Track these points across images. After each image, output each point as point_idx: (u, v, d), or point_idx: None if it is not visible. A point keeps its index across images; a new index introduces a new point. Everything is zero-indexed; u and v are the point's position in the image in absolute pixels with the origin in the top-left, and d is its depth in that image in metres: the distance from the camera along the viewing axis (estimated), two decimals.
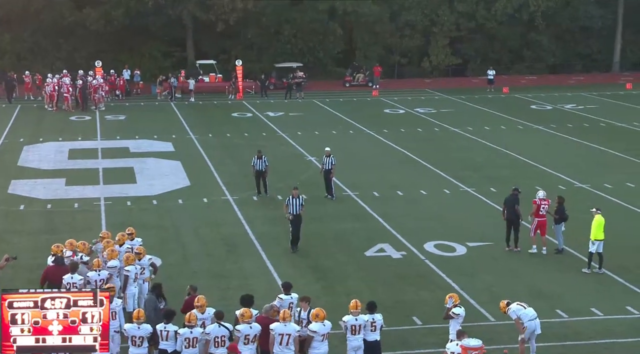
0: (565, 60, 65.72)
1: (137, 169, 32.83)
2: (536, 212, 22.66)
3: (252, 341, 14.78)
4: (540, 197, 22.80)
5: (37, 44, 57.93)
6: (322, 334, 14.90)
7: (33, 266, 20.65)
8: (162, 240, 23.87)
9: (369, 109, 48.61)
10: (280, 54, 60.23)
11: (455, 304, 15.94)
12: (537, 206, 22.67)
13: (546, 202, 22.74)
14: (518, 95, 53.53)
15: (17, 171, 32.67)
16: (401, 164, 34.10)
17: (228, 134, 40.38)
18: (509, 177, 31.10)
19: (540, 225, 22.72)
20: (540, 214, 22.65)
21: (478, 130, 41.13)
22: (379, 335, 15.45)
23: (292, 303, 16.37)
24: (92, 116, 44.90)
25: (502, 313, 16.47)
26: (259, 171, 28.50)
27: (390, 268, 21.92)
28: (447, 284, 20.65)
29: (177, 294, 17.73)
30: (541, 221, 22.70)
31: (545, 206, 22.68)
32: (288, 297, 16.39)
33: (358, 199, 28.56)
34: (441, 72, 63.56)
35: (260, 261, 22.44)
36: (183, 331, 14.75)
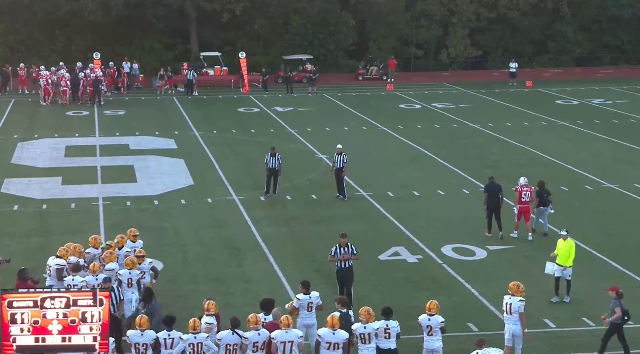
0: (592, 52, 65.47)
1: (137, 168, 32.89)
2: (519, 200, 24.30)
3: (261, 348, 14.78)
4: (522, 184, 24.41)
5: (31, 35, 58.11)
6: (327, 341, 14.87)
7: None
8: (163, 243, 23.92)
9: (384, 104, 48.56)
10: (289, 46, 60.25)
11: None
12: (519, 193, 24.32)
13: (528, 189, 24.30)
14: (542, 89, 53.39)
15: (11, 169, 32.76)
16: (417, 163, 34.05)
17: (234, 130, 40.42)
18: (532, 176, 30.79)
19: (523, 211, 24.30)
20: (522, 201, 24.26)
21: (499, 126, 41.04)
22: (394, 343, 15.44)
23: (312, 303, 16.38)
24: (90, 112, 45.03)
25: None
26: (273, 170, 28.48)
27: (405, 272, 21.90)
28: (465, 290, 20.61)
29: (177, 300, 17.77)
30: (524, 208, 24.29)
31: (527, 192, 24.24)
32: (307, 297, 16.40)
33: (371, 199, 28.53)
34: (460, 65, 63.46)
35: (266, 264, 22.45)
36: (187, 337, 14.77)
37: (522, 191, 24.29)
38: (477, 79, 57.93)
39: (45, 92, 46.86)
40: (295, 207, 27.73)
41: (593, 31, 64.90)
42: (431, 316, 15.76)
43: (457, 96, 51.20)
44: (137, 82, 53.88)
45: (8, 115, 43.99)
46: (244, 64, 52.98)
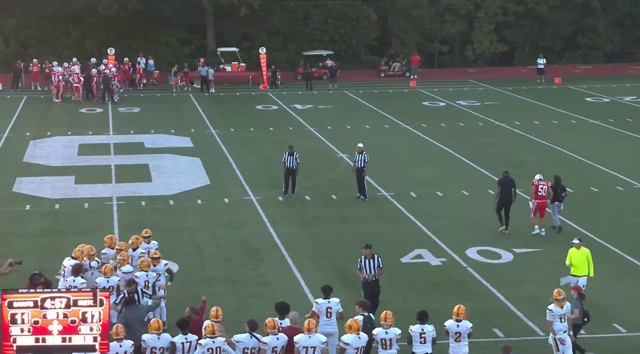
0: (624, 48, 65.08)
1: (152, 167, 33.01)
2: (535, 194, 24.62)
3: (279, 353, 14.78)
4: (537, 179, 24.82)
5: (44, 30, 58.43)
6: (355, 347, 14.87)
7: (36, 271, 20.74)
8: (178, 243, 23.98)
9: (406, 101, 48.51)
10: (308, 41, 60.29)
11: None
12: (535, 187, 24.67)
13: (544, 184, 24.68)
14: (571, 86, 53.14)
15: (23, 167, 32.97)
16: (440, 162, 33.97)
17: (251, 128, 40.49)
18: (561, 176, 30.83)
19: (539, 207, 24.65)
20: (539, 196, 24.62)
21: (526, 125, 40.89)
22: (430, 348, 15.46)
23: (330, 308, 16.37)
24: (104, 109, 45.22)
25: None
26: (290, 169, 28.50)
27: (428, 275, 21.85)
28: (490, 293, 20.54)
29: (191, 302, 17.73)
30: (540, 203, 24.64)
31: (544, 186, 24.63)
32: (325, 302, 16.38)
33: (393, 199, 28.49)
34: (486, 61, 63.26)
35: (284, 266, 22.47)
36: (205, 341, 14.75)
37: (539, 185, 24.67)
38: (503, 76, 57.71)
39: (57, 88, 47.08)
40: (314, 208, 27.73)
41: (625, 26, 64.52)
42: (459, 321, 15.69)
43: (482, 93, 51.05)
44: (152, 78, 54.08)
45: (20, 112, 44.26)
46: (263, 60, 53.02)
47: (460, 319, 15.69)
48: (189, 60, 55.90)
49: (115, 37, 57.01)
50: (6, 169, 32.58)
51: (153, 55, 55.77)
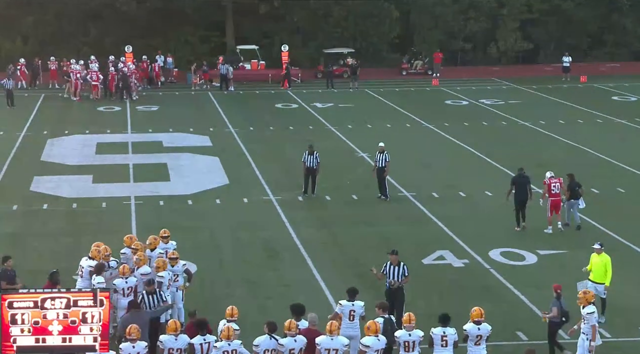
0: None
1: (170, 166, 33.13)
2: (549, 192, 25.02)
3: None
4: (549, 177, 25.17)
5: (62, 28, 58.73)
6: (375, 349, 14.88)
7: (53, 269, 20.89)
8: (196, 244, 24.06)
9: (428, 100, 48.44)
10: (329, 39, 60.23)
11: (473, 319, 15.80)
12: (547, 185, 25.04)
13: (557, 181, 25.06)
14: (597, 84, 52.88)
15: (40, 166, 33.16)
16: (463, 162, 33.90)
17: (271, 127, 40.55)
18: (586, 177, 30.62)
19: (554, 204, 25.01)
20: (553, 194, 24.98)
21: (551, 124, 40.73)
22: (452, 351, 15.47)
23: (354, 311, 16.39)
24: (122, 107, 45.43)
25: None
26: (310, 168, 28.52)
27: (451, 277, 21.82)
28: (514, 296, 20.49)
29: (210, 303, 17.87)
30: (555, 201, 24.99)
31: (556, 184, 24.98)
32: (349, 304, 16.40)
33: (415, 200, 28.46)
34: (510, 59, 63.00)
35: (304, 267, 22.50)
36: (221, 344, 14.80)
37: (551, 183, 25.02)
38: (527, 74, 57.49)
39: (75, 86, 47.31)
40: (335, 208, 27.75)
41: None
42: (478, 324, 15.68)
43: (506, 92, 50.88)
44: (171, 76, 54.24)
45: (37, 110, 44.52)
46: (285, 58, 52.97)
47: (480, 322, 15.66)
48: (208, 58, 56.01)
49: (134, 34, 57.14)
50: (24, 168, 32.79)
51: (172, 53, 55.94)
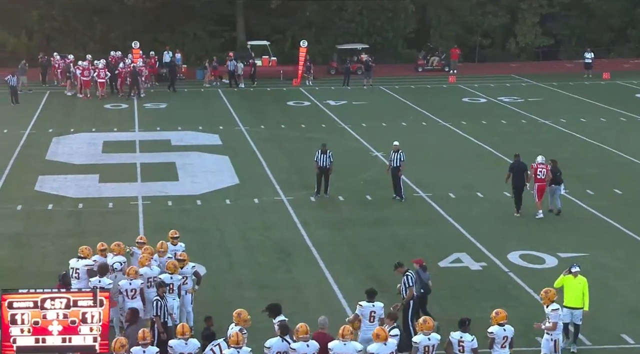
0: None
1: (179, 165, 33.23)
2: (534, 177, 26.34)
3: None
4: (538, 162, 26.45)
5: (68, 22, 58.92)
6: None
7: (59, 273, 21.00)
8: (206, 245, 24.15)
9: (445, 97, 48.39)
10: (342, 34, 60.27)
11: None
12: (534, 169, 26.39)
13: (544, 167, 26.30)
14: (621, 81, 52.75)
15: (45, 165, 33.30)
16: (481, 161, 33.89)
17: (282, 125, 40.61)
18: (608, 177, 30.72)
19: (539, 189, 26.30)
20: (538, 179, 26.26)
21: (573, 122, 40.66)
22: None
23: (375, 312, 16.44)
24: (129, 104, 45.58)
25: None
26: (323, 168, 28.57)
27: (468, 280, 21.83)
28: (533, 300, 20.46)
29: (220, 306, 17.93)
30: (540, 186, 26.28)
31: (542, 169, 26.22)
32: (369, 305, 16.46)
33: (431, 201, 28.47)
34: (530, 55, 62.95)
35: (317, 269, 22.55)
36: (229, 352, 14.84)
37: (538, 168, 26.36)
38: (548, 71, 57.41)
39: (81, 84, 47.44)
40: (348, 209, 27.78)
41: None
42: (502, 325, 15.72)
43: (526, 89, 50.81)
44: (180, 73, 54.31)
45: (42, 108, 44.69)
46: (303, 54, 52.88)
47: (504, 324, 15.69)
48: (218, 54, 56.10)
49: (141, 29, 57.38)
50: (28, 167, 32.93)
51: (181, 48, 56.02)
